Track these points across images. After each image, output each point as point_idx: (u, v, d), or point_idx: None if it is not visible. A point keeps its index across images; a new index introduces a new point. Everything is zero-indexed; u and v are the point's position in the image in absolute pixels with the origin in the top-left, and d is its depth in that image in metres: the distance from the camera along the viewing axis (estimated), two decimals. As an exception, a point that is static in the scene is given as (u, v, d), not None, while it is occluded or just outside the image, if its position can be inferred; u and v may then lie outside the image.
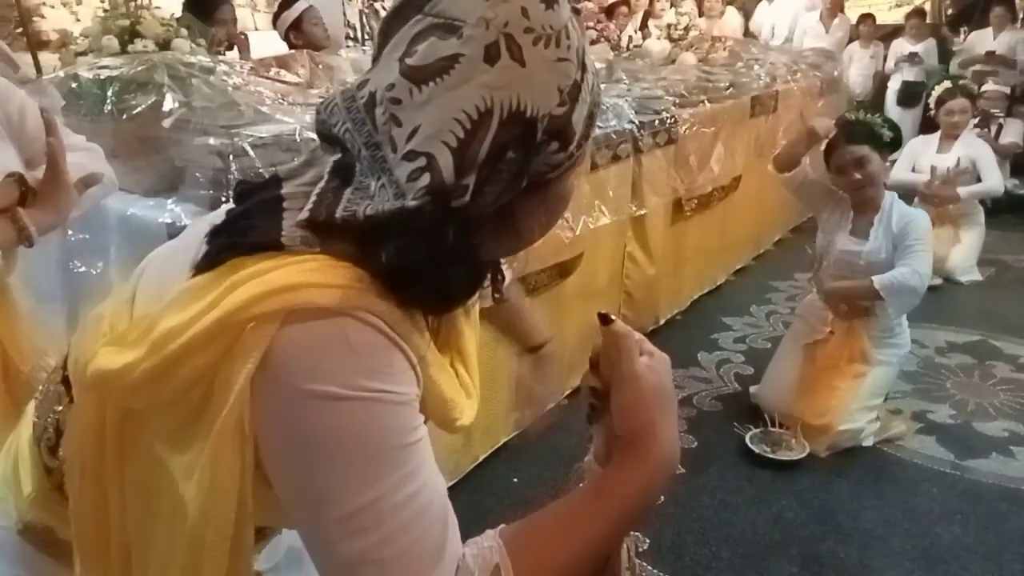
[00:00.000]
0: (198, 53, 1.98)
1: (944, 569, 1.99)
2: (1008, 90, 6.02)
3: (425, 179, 0.58)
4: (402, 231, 0.59)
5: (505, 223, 0.65)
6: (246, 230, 0.63)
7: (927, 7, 8.08)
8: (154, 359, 0.60)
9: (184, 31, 2.04)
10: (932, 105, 4.46)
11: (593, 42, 4.47)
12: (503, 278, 0.80)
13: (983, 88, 5.76)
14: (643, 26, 5.14)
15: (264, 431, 0.59)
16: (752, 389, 2.77)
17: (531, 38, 0.59)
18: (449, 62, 0.58)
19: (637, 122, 2.97)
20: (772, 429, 2.56)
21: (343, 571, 0.59)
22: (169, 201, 1.69)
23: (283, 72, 2.42)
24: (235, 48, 3.56)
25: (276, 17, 3.93)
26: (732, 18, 7.01)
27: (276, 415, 0.59)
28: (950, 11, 8.60)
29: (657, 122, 3.09)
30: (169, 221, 1.61)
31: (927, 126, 6.50)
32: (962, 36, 7.39)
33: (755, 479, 2.37)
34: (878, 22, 7.20)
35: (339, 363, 0.58)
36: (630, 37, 5.37)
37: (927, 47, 6.83)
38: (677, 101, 3.33)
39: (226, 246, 0.62)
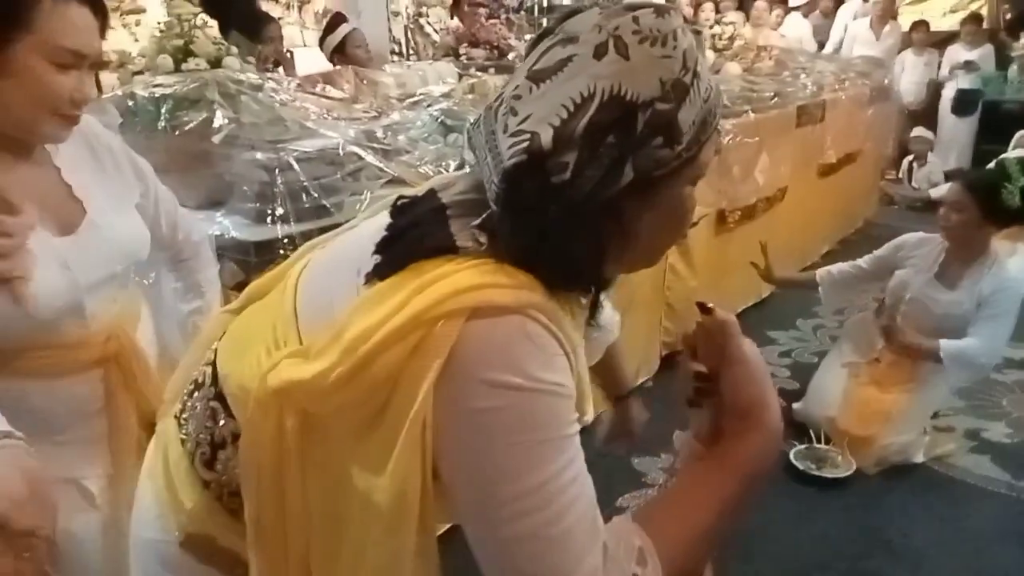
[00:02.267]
0: (247, 71, 2.05)
1: (999, 592, 1.93)
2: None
3: (523, 145, 0.65)
4: (518, 203, 0.66)
5: (615, 220, 0.68)
6: (421, 237, 0.69)
7: (984, 11, 7.84)
8: (349, 362, 0.65)
9: (234, 49, 2.11)
10: None
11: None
12: (601, 309, 0.85)
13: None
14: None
15: (444, 420, 0.64)
16: (795, 405, 2.72)
17: (638, 38, 0.65)
18: (564, 62, 0.66)
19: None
20: (817, 445, 2.51)
21: (511, 548, 0.64)
22: (218, 214, 1.74)
23: (328, 88, 2.48)
24: (280, 65, 3.67)
25: (322, 40, 4.03)
26: (798, 25, 6.93)
27: (459, 403, 0.63)
28: (1008, 15, 8.35)
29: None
30: (218, 233, 1.67)
31: (985, 134, 6.33)
32: (1022, 40, 7.17)
33: (800, 496, 2.32)
34: (932, 28, 7.03)
35: (519, 356, 0.63)
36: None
37: (983, 53, 6.64)
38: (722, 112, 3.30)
39: (406, 252, 0.68)
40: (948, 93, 6.61)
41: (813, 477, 2.38)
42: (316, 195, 1.72)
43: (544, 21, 6.97)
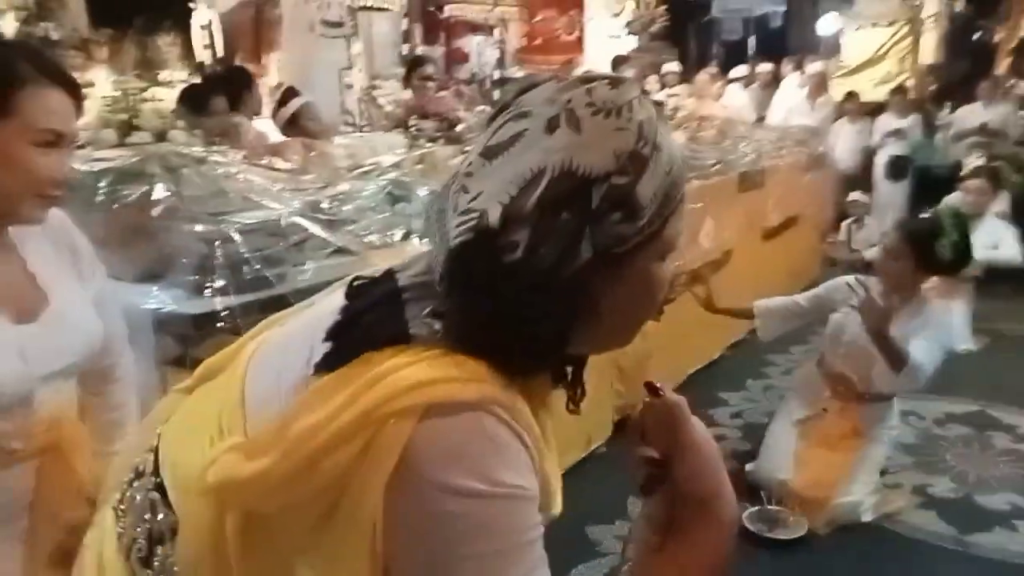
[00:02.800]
0: (193, 144, 2.06)
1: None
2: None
3: (471, 223, 0.62)
4: (466, 285, 0.62)
5: (578, 299, 0.64)
6: (373, 325, 0.65)
7: (909, 84, 8.35)
8: (291, 461, 0.60)
9: (180, 123, 2.13)
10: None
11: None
12: (583, 392, 0.80)
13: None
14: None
15: (396, 527, 0.59)
16: (748, 467, 2.73)
17: (591, 110, 0.63)
18: (516, 137, 0.64)
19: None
20: (769, 507, 2.51)
21: None
22: (155, 288, 1.72)
23: (275, 160, 2.50)
24: (228, 136, 3.68)
25: (275, 112, 4.08)
26: (738, 96, 7.25)
27: (411, 510, 0.59)
28: (933, 87, 8.90)
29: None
30: (154, 307, 1.64)
31: (918, 197, 6.63)
32: (946, 110, 7.62)
33: (754, 559, 2.31)
34: (862, 100, 7.44)
35: (478, 458, 0.59)
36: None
37: (912, 122, 7.02)
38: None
39: (356, 341, 0.63)
40: (881, 159, 6.94)
41: (766, 539, 2.38)
42: (258, 267, 1.72)
43: (496, 93, 7.19)
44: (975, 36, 9.94)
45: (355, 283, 0.72)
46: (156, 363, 1.62)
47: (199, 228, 1.72)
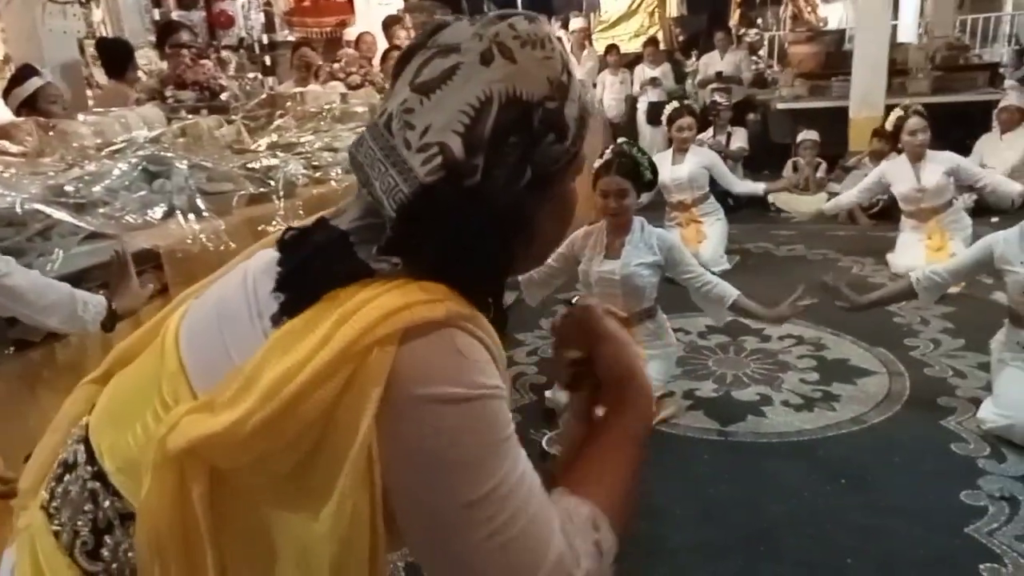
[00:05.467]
0: None
1: (719, 523, 2.24)
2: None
3: (438, 159, 0.66)
4: (430, 215, 0.66)
5: (519, 219, 0.70)
6: (328, 266, 0.67)
7: (659, 36, 9.10)
8: (270, 406, 0.61)
9: None
10: (664, 123, 5.01)
11: (358, 86, 4.55)
12: (506, 319, 0.82)
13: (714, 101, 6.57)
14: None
15: (390, 447, 0.62)
16: (547, 394, 2.94)
17: (519, 42, 0.69)
18: (451, 71, 0.68)
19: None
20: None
21: (477, 558, 0.63)
22: None
23: (5, 143, 2.23)
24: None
25: (6, 93, 3.58)
26: None
27: (404, 427, 0.62)
28: (680, 38, 9.78)
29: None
30: None
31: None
32: (693, 59, 8.43)
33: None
34: (622, 51, 8.01)
35: (457, 368, 0.64)
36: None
37: (664, 71, 7.69)
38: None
39: (317, 282, 0.66)
40: (641, 107, 7.57)
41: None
42: (-6, 260, 1.55)
43: (266, 59, 6.79)
44: (712, -10, 11.01)
45: (286, 235, 0.74)
46: None
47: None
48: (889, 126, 4.52)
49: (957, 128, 5.50)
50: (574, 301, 0.84)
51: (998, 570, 1.94)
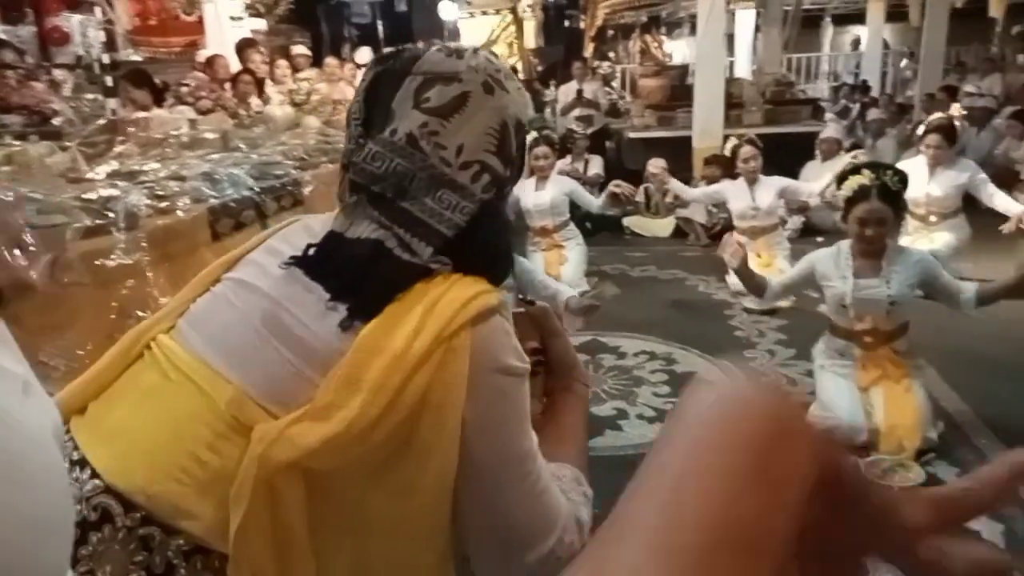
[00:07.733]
0: None
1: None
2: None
3: (487, 177, 0.82)
4: (485, 224, 0.82)
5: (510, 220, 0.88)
6: (389, 272, 0.78)
7: (519, 66, 9.41)
8: (384, 395, 0.70)
9: None
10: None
11: (209, 111, 4.38)
12: None
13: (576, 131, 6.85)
14: (261, 92, 5.16)
15: (472, 413, 0.74)
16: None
17: (502, 74, 0.86)
18: (462, 99, 0.82)
19: (257, 188, 2.99)
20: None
21: (520, 503, 0.76)
22: None
23: None
24: None
25: None
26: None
27: (478, 393, 0.74)
28: (539, 68, 10.15)
29: (279, 186, 3.14)
30: None
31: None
32: (551, 89, 8.76)
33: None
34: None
35: (512, 345, 0.78)
36: (255, 105, 5.35)
37: (524, 100, 7.93)
38: (297, 164, 3.42)
39: (388, 284, 0.77)
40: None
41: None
42: None
43: (108, 80, 6.39)
44: (566, 24, 11.54)
45: (309, 251, 0.81)
46: None
47: None
48: (728, 153, 4.93)
49: (786, 156, 6.04)
50: (532, 301, 1.00)
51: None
